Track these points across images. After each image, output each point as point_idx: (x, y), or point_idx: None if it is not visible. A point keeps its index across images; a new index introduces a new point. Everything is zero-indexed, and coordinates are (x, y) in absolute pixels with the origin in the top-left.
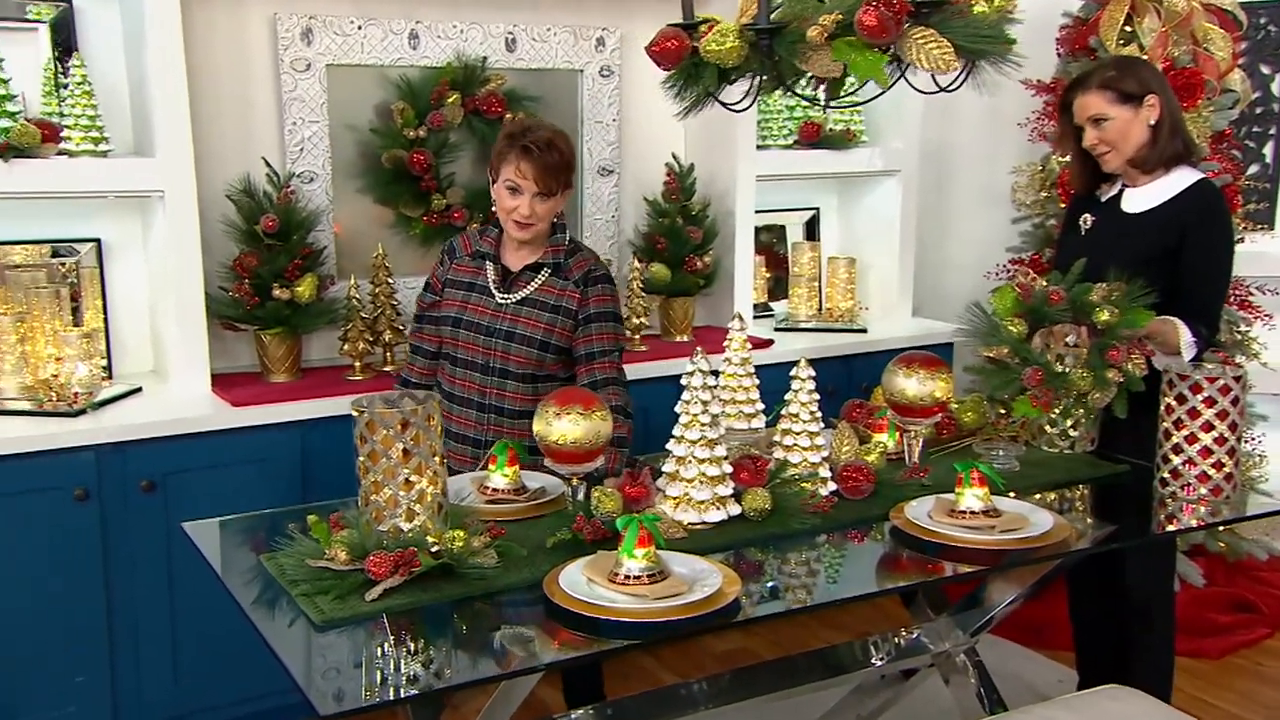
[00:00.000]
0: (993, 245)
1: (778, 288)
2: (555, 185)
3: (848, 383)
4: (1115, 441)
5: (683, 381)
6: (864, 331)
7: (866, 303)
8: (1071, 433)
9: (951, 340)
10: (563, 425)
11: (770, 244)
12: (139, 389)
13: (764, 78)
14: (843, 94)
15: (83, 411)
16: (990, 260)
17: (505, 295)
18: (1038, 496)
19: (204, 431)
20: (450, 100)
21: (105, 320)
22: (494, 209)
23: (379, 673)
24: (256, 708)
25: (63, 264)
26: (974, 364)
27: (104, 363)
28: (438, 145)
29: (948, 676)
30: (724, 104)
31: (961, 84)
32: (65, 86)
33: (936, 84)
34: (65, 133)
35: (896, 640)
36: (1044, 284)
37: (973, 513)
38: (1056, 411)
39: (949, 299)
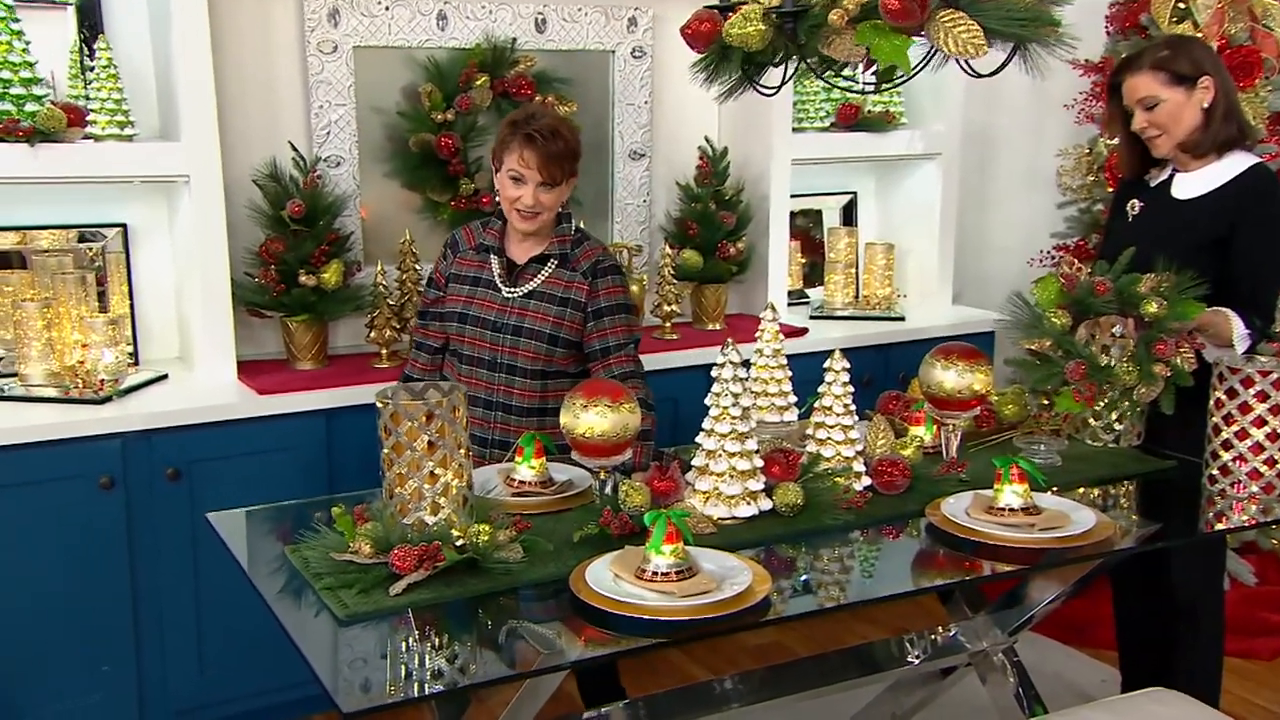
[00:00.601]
0: (1037, 231)
1: (813, 274)
2: (559, 174)
3: (884, 372)
4: (1162, 436)
5: (713, 374)
6: (901, 320)
7: (904, 290)
8: (1116, 426)
9: (993, 329)
10: (590, 417)
11: (806, 229)
12: (165, 376)
13: (804, 62)
14: (896, 78)
15: (108, 399)
16: (1034, 246)
17: (511, 289)
18: (1080, 492)
19: (229, 420)
20: (479, 82)
21: (131, 306)
22: (498, 199)
23: (403, 668)
24: (282, 699)
25: (89, 249)
26: (1015, 356)
27: (130, 349)
28: (466, 128)
29: (985, 676)
30: (760, 89)
31: (1003, 68)
32: (91, 69)
33: (965, 68)
34: (91, 116)
35: (933, 638)
36: (1089, 273)
37: (1011, 510)
38: (1100, 405)
39: (990, 286)
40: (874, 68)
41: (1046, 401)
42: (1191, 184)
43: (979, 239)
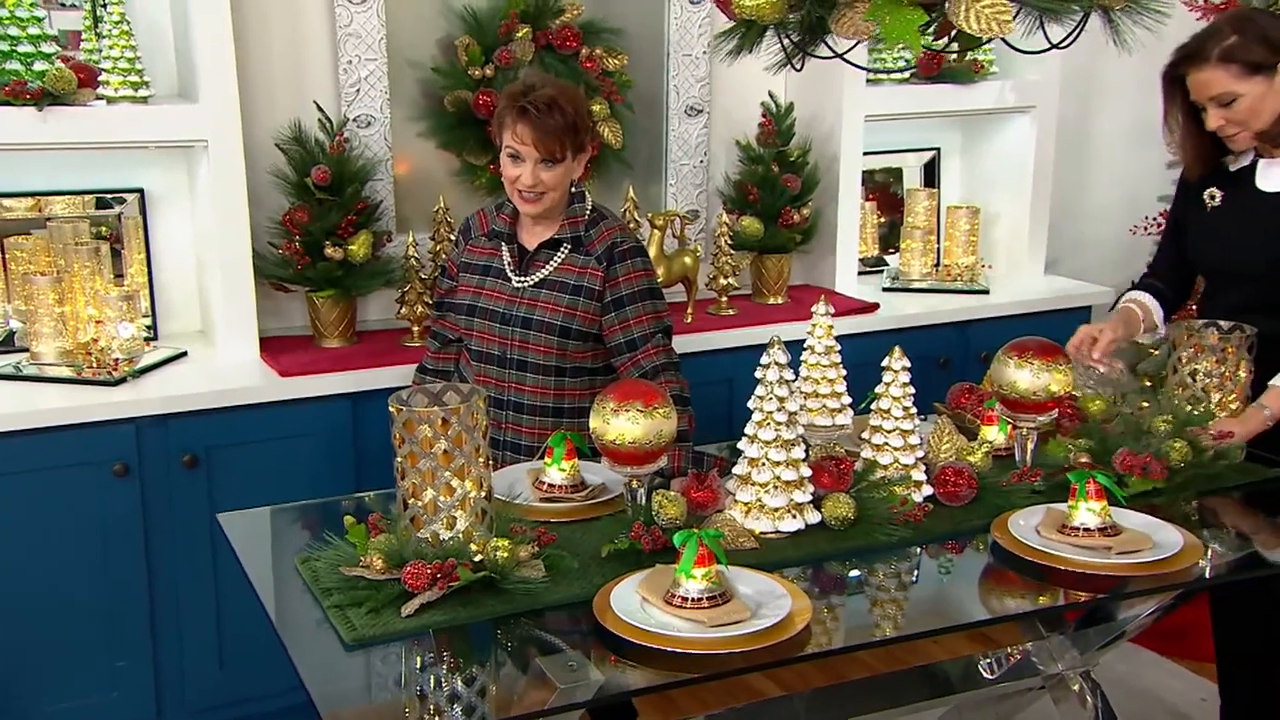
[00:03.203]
0: (1144, 190)
1: (892, 235)
2: (559, 150)
3: (964, 352)
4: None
5: (756, 375)
6: (986, 293)
7: (990, 259)
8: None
9: (1089, 304)
10: (621, 423)
11: (885, 184)
12: (184, 353)
13: (824, 39)
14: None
15: (123, 380)
16: (1140, 208)
17: (522, 278)
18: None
19: (250, 404)
20: (520, 34)
21: (150, 276)
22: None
23: (416, 699)
24: (303, 698)
25: (105, 216)
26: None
27: (148, 322)
28: (506, 85)
29: (1059, 701)
30: (794, 64)
31: (1073, 41)
32: (103, 21)
33: (1011, 44)
34: (103, 77)
35: (1005, 658)
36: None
37: (1087, 530)
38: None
39: (1089, 252)
40: (952, 33)
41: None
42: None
43: (1076, 201)
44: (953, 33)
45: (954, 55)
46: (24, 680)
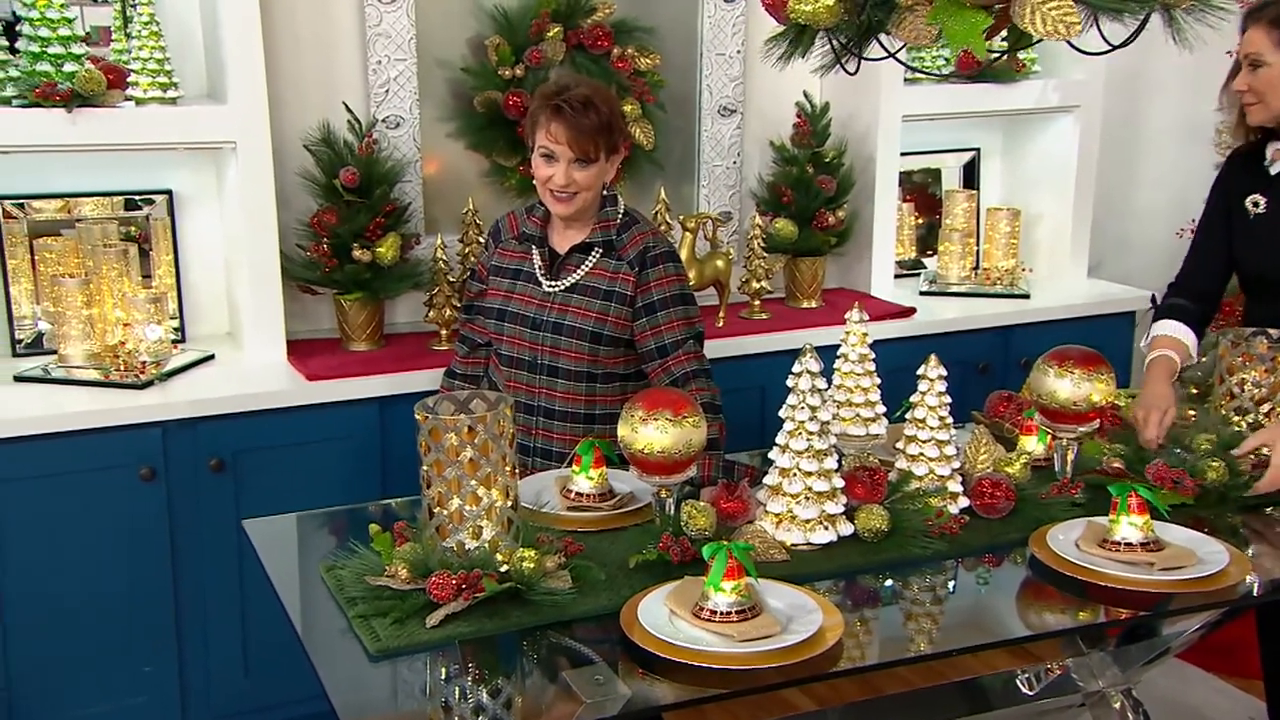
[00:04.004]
0: (1190, 193)
1: (930, 237)
2: (593, 149)
3: (1004, 357)
4: None
5: (788, 384)
6: (1026, 297)
7: (1031, 263)
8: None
9: (1133, 309)
10: (649, 432)
11: (924, 184)
12: (211, 356)
13: (880, 42)
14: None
15: (150, 383)
16: (1187, 209)
17: (553, 282)
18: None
19: (277, 408)
20: (551, 34)
21: (178, 278)
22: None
23: (440, 711)
24: (329, 706)
25: (133, 218)
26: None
27: (176, 325)
28: (536, 85)
29: (1099, 718)
30: (846, 68)
31: (1132, 40)
32: (131, 21)
33: (1075, 46)
34: (133, 78)
35: (1044, 673)
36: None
37: (1129, 544)
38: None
39: (1134, 255)
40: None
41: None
42: None
43: (1121, 202)
44: (1002, 32)
45: (1004, 55)
46: (50, 683)
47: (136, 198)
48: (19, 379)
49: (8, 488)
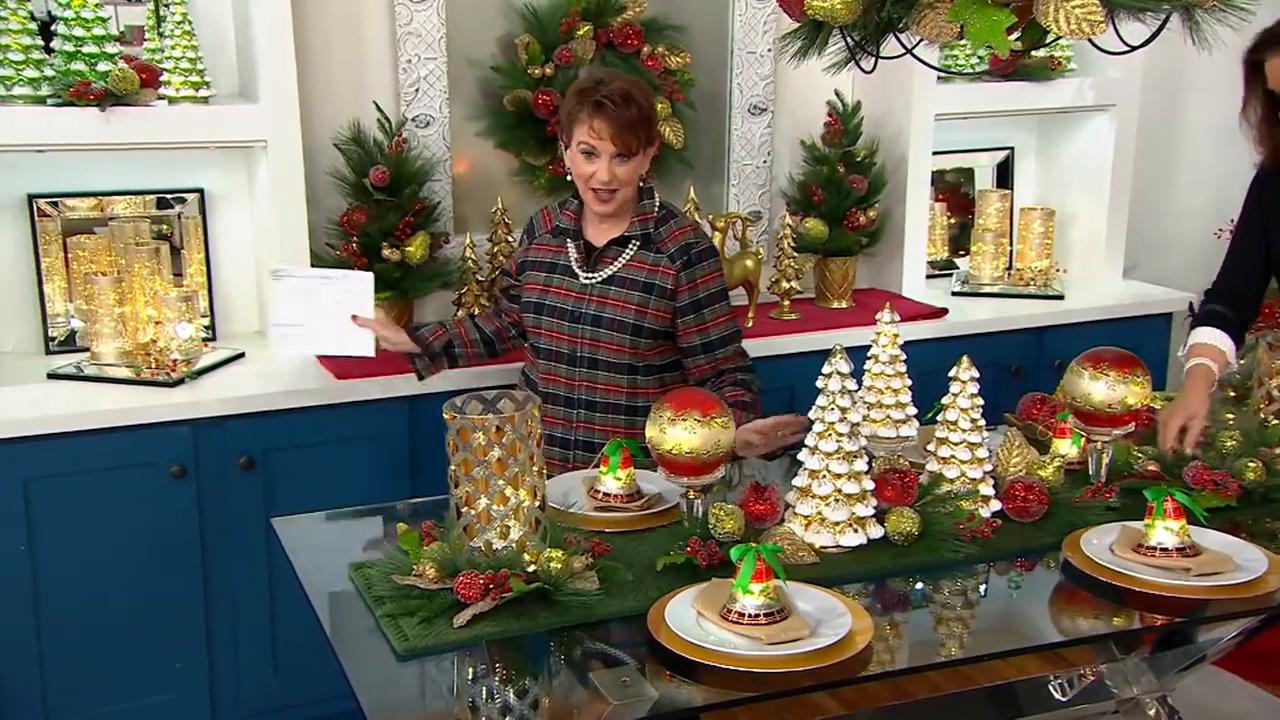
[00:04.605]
0: (1229, 191)
1: (963, 237)
2: (635, 143)
3: (1037, 359)
4: None
5: (818, 385)
6: (1060, 298)
7: (1065, 263)
8: None
9: (1170, 310)
10: (678, 433)
11: (956, 184)
12: (241, 354)
13: (899, 38)
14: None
15: (181, 381)
16: (1225, 209)
17: (590, 275)
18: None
19: (306, 406)
20: (581, 32)
21: (209, 276)
22: (570, 178)
23: (468, 711)
24: (357, 705)
25: (165, 216)
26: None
27: (206, 323)
28: (566, 84)
29: None
30: (862, 66)
31: (1151, 40)
32: (164, 20)
33: (1097, 45)
34: (165, 77)
35: (1077, 679)
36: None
37: (1164, 549)
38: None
39: (1170, 256)
40: (1016, 35)
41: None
42: None
43: (1158, 202)
44: (1019, 30)
45: (1024, 55)
46: (81, 680)
47: (168, 196)
48: (52, 376)
49: (41, 485)
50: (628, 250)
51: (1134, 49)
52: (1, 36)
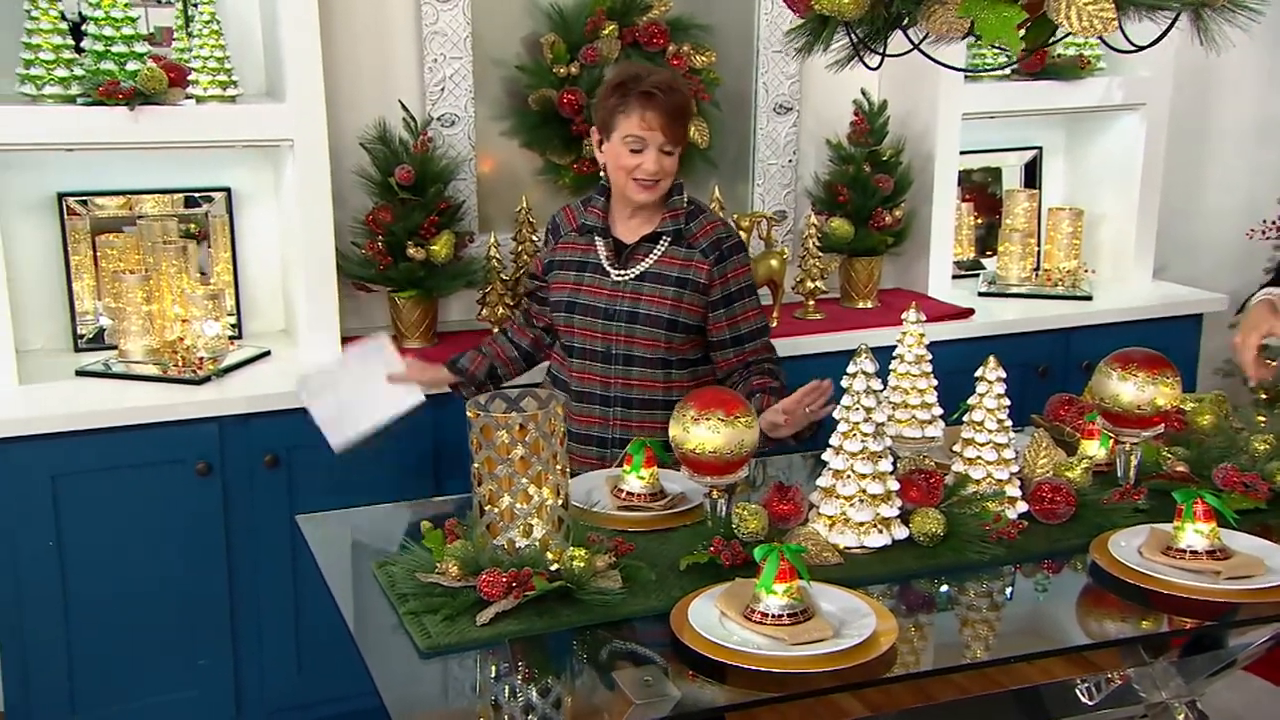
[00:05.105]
0: (1261, 194)
1: (989, 238)
2: (683, 133)
3: (1065, 361)
4: None
5: (843, 384)
6: (1089, 299)
7: (1094, 264)
8: None
9: (1200, 312)
10: (701, 432)
11: (983, 184)
12: (267, 353)
13: (906, 33)
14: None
15: (207, 379)
16: (1258, 210)
17: (622, 272)
18: None
19: None
20: (606, 31)
21: (235, 275)
22: (602, 175)
23: (490, 709)
24: (381, 702)
25: (193, 215)
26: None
27: (233, 321)
28: (591, 83)
29: None
30: (867, 63)
31: (1161, 39)
32: (192, 20)
33: (1107, 43)
34: (193, 76)
35: (1104, 682)
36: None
37: (1194, 552)
38: None
39: (1200, 258)
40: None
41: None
42: None
43: (1189, 202)
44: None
45: (1028, 51)
46: (106, 676)
47: (196, 195)
48: (80, 373)
49: (68, 480)
50: (659, 246)
51: (1139, 49)
52: (33, 36)
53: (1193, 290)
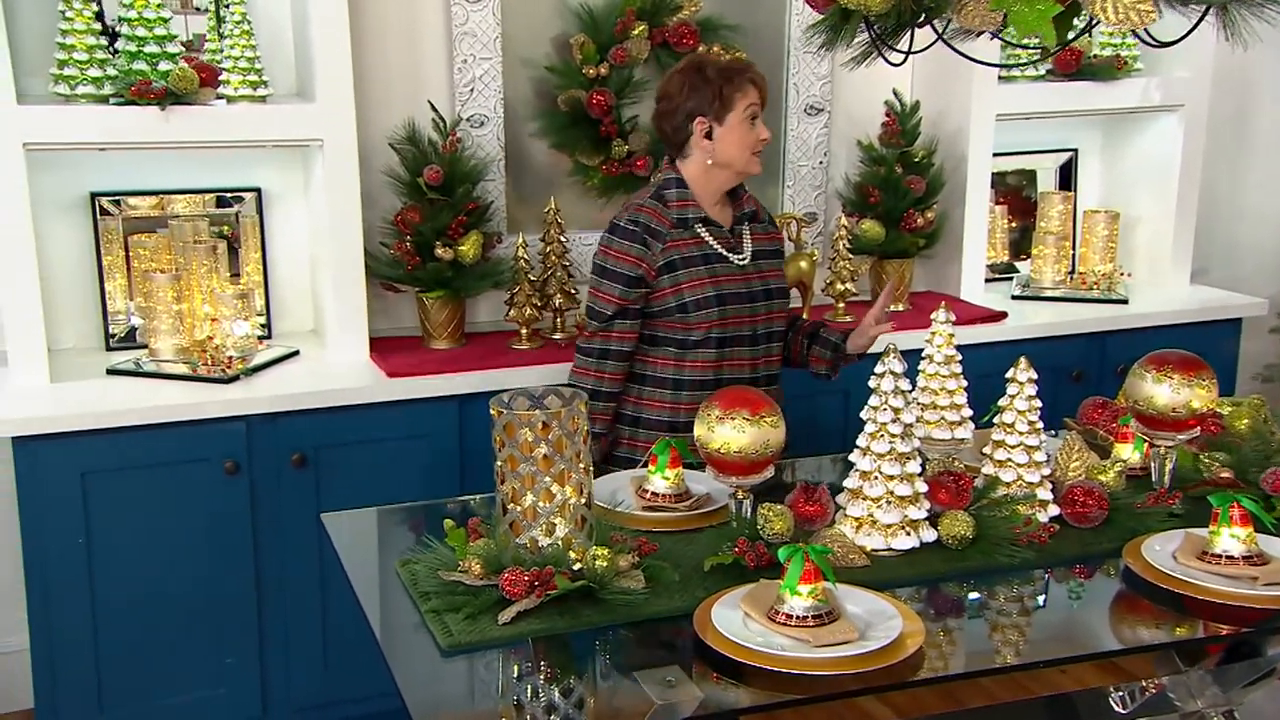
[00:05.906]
0: None
1: (1024, 241)
2: None
3: (1100, 365)
4: None
5: (870, 384)
6: (1124, 302)
7: (1130, 267)
8: None
9: (1239, 316)
10: (726, 431)
11: (1018, 187)
12: (295, 352)
13: (934, 27)
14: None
15: (236, 378)
16: None
17: (740, 256)
18: None
19: (358, 404)
20: (636, 32)
21: (265, 275)
22: (711, 160)
23: (512, 709)
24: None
25: (224, 215)
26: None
27: (262, 320)
28: (620, 84)
29: None
30: (888, 59)
31: (1189, 34)
32: (224, 21)
33: (1144, 38)
34: (224, 76)
35: (1138, 691)
36: None
37: (1230, 557)
38: None
39: (1239, 261)
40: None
41: None
42: None
43: (1228, 205)
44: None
45: (1057, 51)
46: (134, 674)
47: (227, 195)
48: (111, 372)
49: (98, 478)
50: (744, 226)
51: (1162, 45)
52: (67, 37)
53: (1231, 294)
